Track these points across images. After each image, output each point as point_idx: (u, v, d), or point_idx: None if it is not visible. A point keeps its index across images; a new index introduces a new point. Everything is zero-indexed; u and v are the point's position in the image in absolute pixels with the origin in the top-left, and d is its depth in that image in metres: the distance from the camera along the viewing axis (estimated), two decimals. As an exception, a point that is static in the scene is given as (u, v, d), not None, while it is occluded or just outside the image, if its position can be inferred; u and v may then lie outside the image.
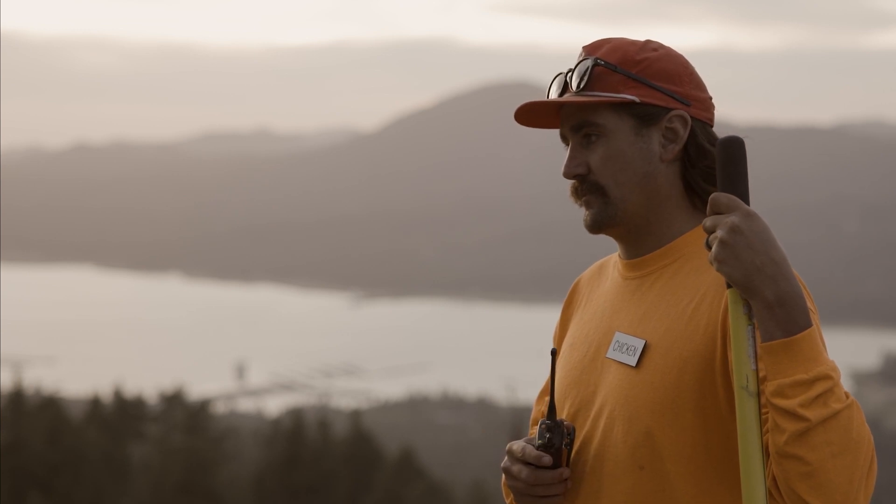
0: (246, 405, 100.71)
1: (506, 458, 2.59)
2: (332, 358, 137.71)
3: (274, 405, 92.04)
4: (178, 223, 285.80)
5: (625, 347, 2.57)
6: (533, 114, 2.67)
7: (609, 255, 2.82)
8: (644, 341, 2.54)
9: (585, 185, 2.61)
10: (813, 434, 2.25)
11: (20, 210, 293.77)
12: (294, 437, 41.36)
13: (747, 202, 2.36)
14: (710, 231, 2.35)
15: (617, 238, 2.67)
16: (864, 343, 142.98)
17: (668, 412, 2.48)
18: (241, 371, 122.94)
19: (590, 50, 2.63)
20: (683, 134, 2.60)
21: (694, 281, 2.55)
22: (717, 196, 2.35)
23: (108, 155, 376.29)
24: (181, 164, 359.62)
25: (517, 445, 2.56)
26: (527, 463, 2.54)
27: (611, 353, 2.59)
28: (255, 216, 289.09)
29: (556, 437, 2.52)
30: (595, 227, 2.61)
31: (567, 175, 2.62)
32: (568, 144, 2.65)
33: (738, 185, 2.35)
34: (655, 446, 2.49)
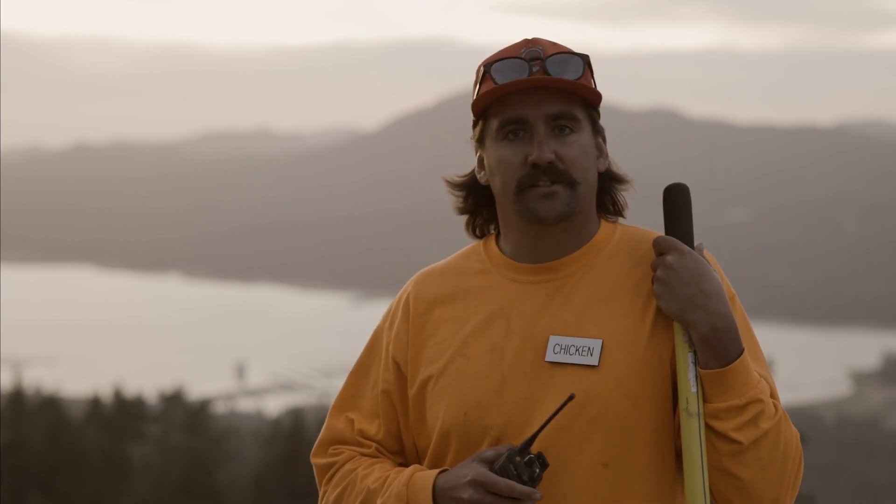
0: (246, 405, 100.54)
1: (470, 490, 2.52)
2: (332, 358, 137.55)
3: (274, 405, 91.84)
4: (178, 223, 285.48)
5: (573, 349, 2.59)
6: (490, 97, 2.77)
7: (446, 262, 2.80)
8: (601, 340, 2.58)
9: (556, 175, 2.61)
10: (745, 454, 2.50)
11: (20, 210, 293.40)
12: (294, 437, 41.30)
13: (690, 242, 2.58)
14: (654, 270, 2.58)
15: (549, 234, 2.66)
16: (864, 343, 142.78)
17: (640, 405, 2.56)
18: (241, 371, 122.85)
19: (548, 46, 2.65)
20: (605, 149, 2.71)
21: (631, 275, 2.65)
22: (658, 239, 2.59)
23: (108, 155, 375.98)
24: (181, 164, 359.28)
25: (495, 479, 2.50)
26: (502, 496, 2.50)
27: (553, 357, 2.59)
28: (255, 216, 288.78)
29: (541, 468, 2.51)
30: (560, 217, 2.62)
31: (543, 161, 2.59)
32: (514, 130, 2.68)
33: (680, 227, 2.59)
34: (626, 441, 2.56)
